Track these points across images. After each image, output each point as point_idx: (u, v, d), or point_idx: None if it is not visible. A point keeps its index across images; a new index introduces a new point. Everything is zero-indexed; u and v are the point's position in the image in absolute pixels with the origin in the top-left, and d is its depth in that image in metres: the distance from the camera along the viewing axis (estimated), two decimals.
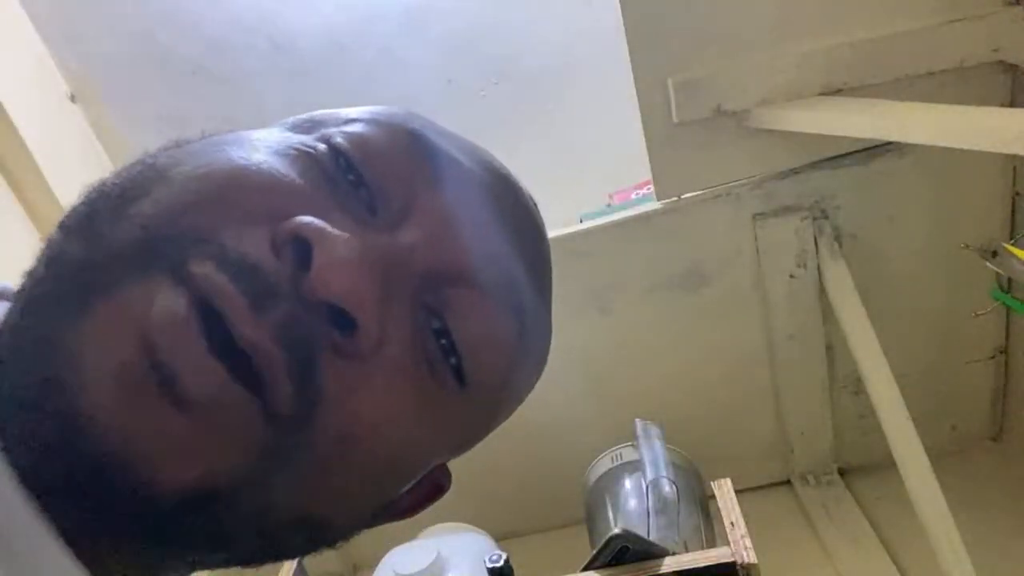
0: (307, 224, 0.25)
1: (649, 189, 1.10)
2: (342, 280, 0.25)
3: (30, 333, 0.24)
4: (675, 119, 0.97)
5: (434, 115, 0.36)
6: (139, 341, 0.23)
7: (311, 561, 1.29)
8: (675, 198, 1.04)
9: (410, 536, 1.06)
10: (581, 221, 1.13)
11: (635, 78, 0.96)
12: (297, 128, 0.31)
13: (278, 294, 0.24)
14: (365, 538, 0.32)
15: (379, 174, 0.29)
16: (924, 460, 0.89)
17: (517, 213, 0.33)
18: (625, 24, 0.94)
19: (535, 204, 0.36)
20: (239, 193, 0.26)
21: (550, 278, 0.37)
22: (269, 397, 0.24)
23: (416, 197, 0.29)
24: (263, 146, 0.29)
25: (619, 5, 0.92)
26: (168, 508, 0.23)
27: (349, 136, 0.29)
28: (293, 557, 0.31)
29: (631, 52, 0.95)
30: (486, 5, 1.32)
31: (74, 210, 0.27)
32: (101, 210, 0.26)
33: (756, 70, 0.94)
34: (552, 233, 1.21)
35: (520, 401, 0.36)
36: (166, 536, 0.24)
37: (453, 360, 0.29)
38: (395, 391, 0.27)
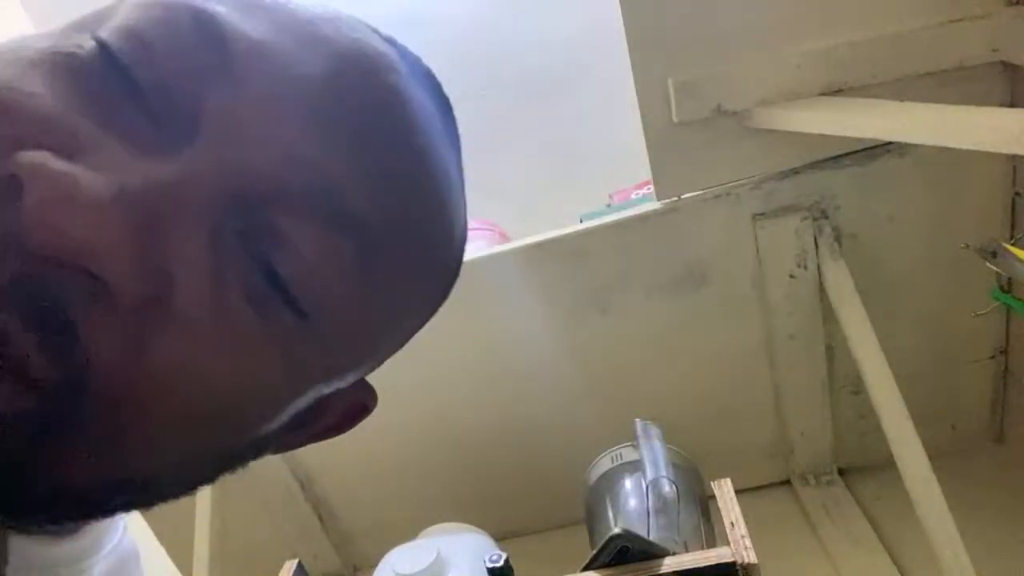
0: (25, 160, 0.21)
1: (649, 189, 1.10)
2: (67, 225, 0.20)
3: None
4: (675, 119, 0.97)
5: None
6: None
7: (311, 561, 1.29)
8: (675, 198, 1.04)
9: (410, 536, 1.06)
10: (581, 221, 1.13)
11: (635, 78, 0.96)
12: (82, 24, 0.25)
13: (6, 246, 0.20)
14: (365, 538, 0.32)
15: (159, 74, 0.23)
16: (924, 460, 0.89)
17: (361, 101, 0.26)
18: (625, 24, 0.94)
19: (413, 73, 0.29)
20: None
21: (446, 169, 0.30)
22: (23, 372, 0.21)
23: (205, 98, 0.23)
24: (20, 55, 0.23)
25: (619, 5, 0.92)
26: None
27: (121, 31, 0.24)
28: (116, 514, 0.28)
29: (631, 52, 0.95)
30: (486, 6, 1.32)
31: None
32: None
33: (756, 70, 0.94)
34: (552, 233, 1.20)
35: (420, 310, 0.32)
36: None
37: (281, 293, 0.25)
38: (196, 342, 0.23)
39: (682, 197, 1.04)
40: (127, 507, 0.27)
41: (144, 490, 0.26)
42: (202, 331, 0.23)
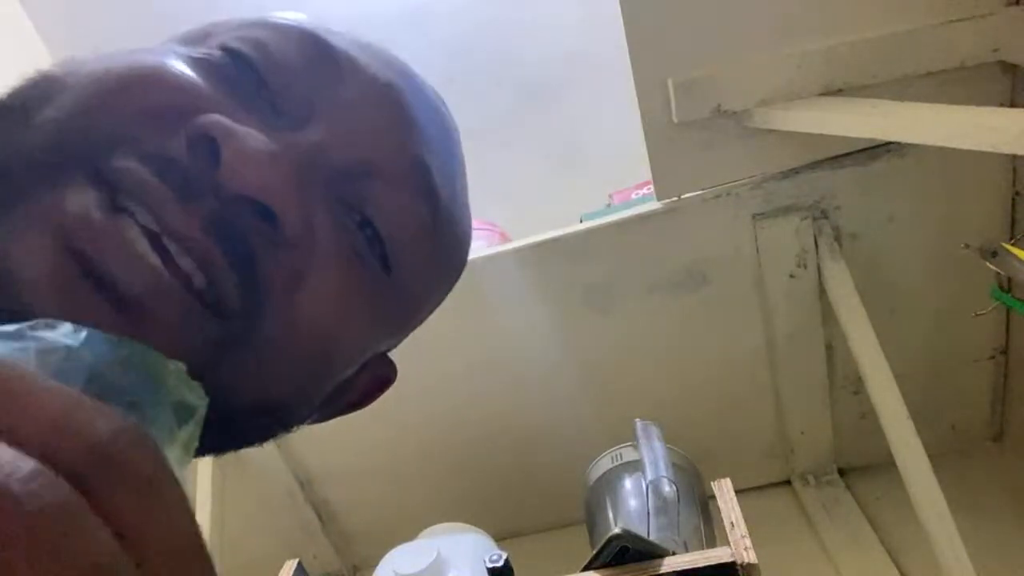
0: (214, 121, 0.25)
1: (649, 189, 1.10)
2: (253, 173, 0.25)
3: None
4: (675, 119, 0.97)
5: None
6: (64, 244, 0.23)
7: (311, 561, 1.30)
8: (675, 198, 1.04)
9: (410, 536, 1.06)
10: (581, 221, 1.13)
11: (635, 78, 0.96)
12: (189, 40, 0.31)
13: (201, 185, 0.25)
14: (365, 538, 0.32)
15: (279, 74, 0.29)
16: (924, 460, 0.89)
17: (419, 104, 0.33)
18: (625, 24, 0.94)
19: (437, 96, 0.37)
20: (144, 92, 0.26)
21: (463, 165, 0.37)
22: (216, 291, 0.25)
23: (318, 95, 0.29)
24: (159, 54, 0.28)
25: (619, 5, 0.92)
26: None
27: (246, 40, 0.29)
28: (254, 443, 0.31)
29: (631, 52, 0.95)
30: (487, 5, 1.32)
31: None
32: (6, 122, 0.26)
33: (756, 70, 0.94)
34: (552, 233, 1.20)
35: (446, 290, 0.37)
36: None
37: (378, 248, 0.30)
38: (331, 281, 0.28)
39: (682, 197, 1.04)
40: (261, 433, 0.31)
41: (276, 416, 0.30)
42: (333, 275, 0.28)
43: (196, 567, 0.17)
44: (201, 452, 0.28)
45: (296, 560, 0.88)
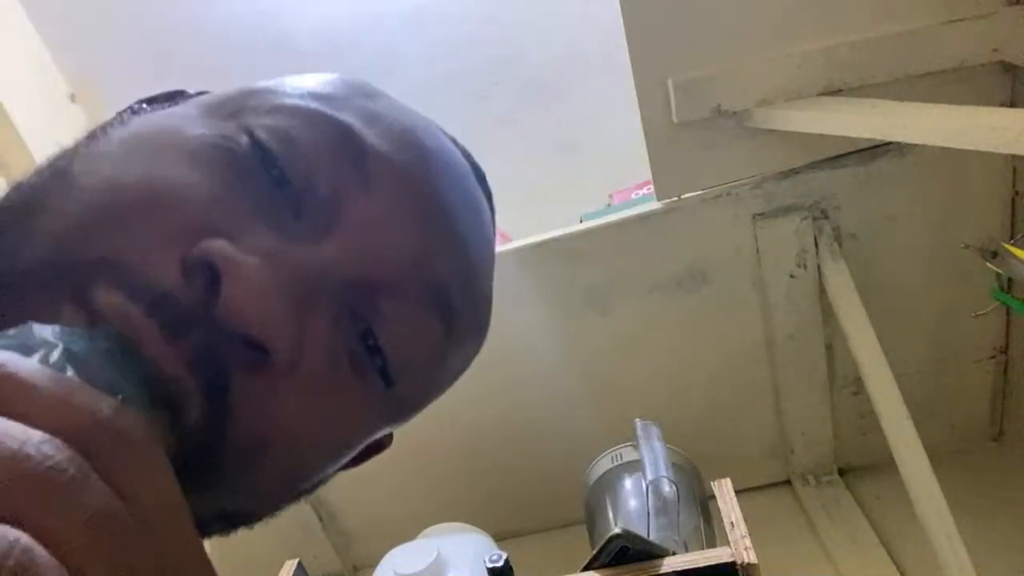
0: (216, 250, 0.25)
1: (649, 189, 1.10)
2: (253, 309, 0.25)
3: None
4: (675, 119, 0.97)
5: (434, 115, 0.36)
6: None
7: (311, 561, 1.29)
8: (675, 198, 1.04)
9: (410, 536, 1.06)
10: (581, 221, 1.13)
11: (635, 78, 0.96)
12: (219, 111, 0.30)
13: (190, 320, 0.24)
14: (365, 538, 0.33)
15: (305, 173, 0.28)
16: (924, 460, 0.89)
17: (451, 203, 0.32)
18: (625, 24, 0.94)
19: (474, 171, 0.35)
20: (148, 211, 0.26)
21: (491, 264, 0.36)
22: (181, 417, 0.24)
23: (344, 199, 0.28)
24: (179, 144, 0.28)
25: (619, 5, 0.92)
26: None
27: (274, 131, 0.28)
28: (227, 534, 0.31)
29: (631, 52, 0.95)
30: (486, 5, 1.32)
31: None
32: (8, 222, 0.26)
33: (756, 70, 0.94)
34: (552, 233, 1.20)
35: (450, 385, 0.37)
36: None
37: (378, 360, 0.29)
38: (310, 400, 0.27)
39: (682, 197, 1.04)
40: (219, 533, 0.31)
41: (238, 521, 0.30)
42: (313, 394, 0.27)
43: (181, 519, 0.21)
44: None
45: (296, 560, 0.88)
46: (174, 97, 0.33)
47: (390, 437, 0.37)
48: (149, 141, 0.28)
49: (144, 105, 0.33)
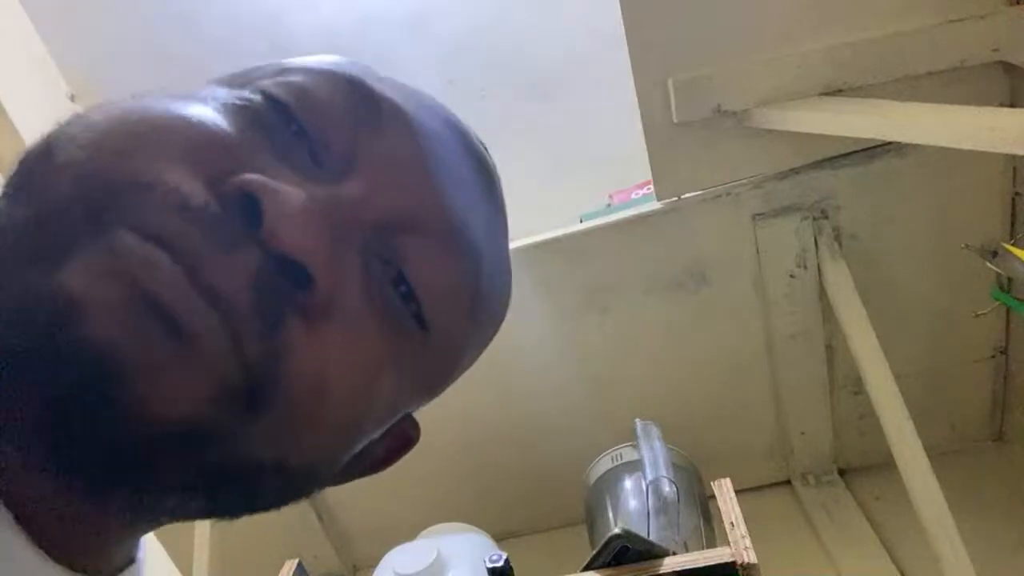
0: (254, 180, 0.25)
1: (649, 189, 1.10)
2: (295, 235, 0.25)
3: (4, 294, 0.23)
4: (675, 119, 0.97)
5: None
6: (126, 288, 0.23)
7: (311, 561, 1.29)
8: (675, 198, 1.04)
9: (410, 536, 1.06)
10: (581, 221, 1.13)
11: (635, 78, 0.96)
12: (230, 83, 0.30)
13: (242, 243, 0.24)
14: (365, 538, 0.32)
15: (320, 122, 0.28)
16: (924, 460, 0.89)
17: (465, 156, 0.32)
18: (625, 24, 0.94)
19: (484, 147, 0.36)
20: (180, 141, 0.26)
21: (504, 217, 0.36)
22: (242, 339, 0.24)
23: (359, 145, 0.29)
24: (198, 100, 0.28)
25: (619, 5, 0.92)
26: (154, 439, 0.23)
27: (286, 86, 0.29)
28: (270, 507, 0.30)
29: (631, 52, 0.95)
30: (486, 6, 1.32)
31: (11, 174, 0.26)
32: (34, 167, 0.26)
33: (756, 70, 0.94)
34: (552, 233, 1.20)
35: (484, 345, 0.37)
36: (147, 471, 0.24)
37: (413, 306, 0.29)
38: (358, 342, 0.27)
39: (682, 197, 1.04)
40: (278, 497, 0.30)
41: (295, 479, 0.29)
42: (360, 336, 0.27)
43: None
44: (216, 515, 0.29)
45: (296, 560, 0.88)
46: None
47: (418, 430, 0.37)
48: (168, 94, 0.28)
49: None
